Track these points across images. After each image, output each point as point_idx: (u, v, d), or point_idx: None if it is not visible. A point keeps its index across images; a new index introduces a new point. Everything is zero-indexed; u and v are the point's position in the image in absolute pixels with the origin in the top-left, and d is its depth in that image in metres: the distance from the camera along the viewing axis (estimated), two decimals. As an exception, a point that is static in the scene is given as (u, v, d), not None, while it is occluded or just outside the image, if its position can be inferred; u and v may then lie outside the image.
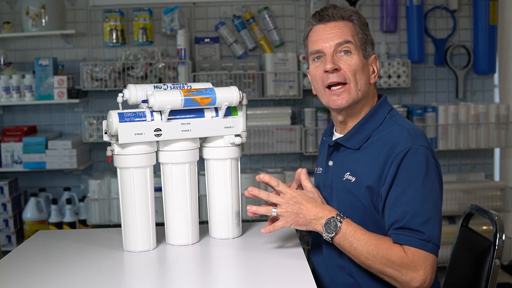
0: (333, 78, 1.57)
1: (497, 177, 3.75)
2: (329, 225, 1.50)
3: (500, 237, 1.58)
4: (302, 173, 1.63)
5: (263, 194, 1.56)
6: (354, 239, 1.47)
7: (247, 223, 1.88)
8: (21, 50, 3.56)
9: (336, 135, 1.69)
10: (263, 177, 1.59)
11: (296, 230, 1.78)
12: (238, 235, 1.75)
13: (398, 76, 3.48)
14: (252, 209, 1.56)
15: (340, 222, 1.49)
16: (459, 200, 3.41)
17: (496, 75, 3.71)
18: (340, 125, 1.67)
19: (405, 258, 1.42)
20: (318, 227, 1.52)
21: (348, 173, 1.58)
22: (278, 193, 1.58)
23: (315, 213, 1.52)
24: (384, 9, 3.56)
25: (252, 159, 3.62)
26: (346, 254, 1.52)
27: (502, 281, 3.36)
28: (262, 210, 1.56)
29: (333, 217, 1.50)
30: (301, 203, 1.53)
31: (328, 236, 1.50)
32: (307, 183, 1.61)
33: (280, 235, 1.75)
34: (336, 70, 1.57)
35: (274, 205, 1.57)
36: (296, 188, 1.63)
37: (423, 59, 3.59)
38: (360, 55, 1.59)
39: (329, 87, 1.59)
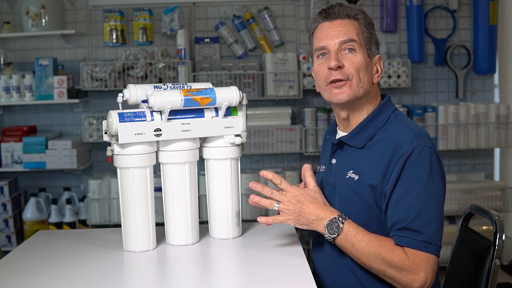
0: (336, 75, 1.57)
1: (497, 177, 3.75)
2: (331, 226, 1.50)
3: (500, 237, 1.58)
4: (306, 169, 1.62)
5: (266, 190, 1.55)
6: (356, 240, 1.48)
7: (247, 223, 1.88)
8: (21, 50, 3.56)
9: (340, 133, 1.69)
10: (266, 174, 1.57)
11: (296, 229, 1.79)
12: (238, 235, 1.75)
13: (398, 76, 3.48)
14: (255, 199, 1.55)
15: (342, 223, 1.50)
16: (459, 200, 3.41)
17: (496, 75, 3.70)
18: (343, 123, 1.66)
19: (406, 260, 1.43)
20: (320, 227, 1.52)
21: (352, 171, 1.58)
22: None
23: (317, 214, 1.52)
24: (384, 9, 3.56)
25: (252, 159, 3.62)
26: (348, 254, 1.53)
27: (502, 281, 3.36)
28: (265, 202, 1.55)
29: (335, 218, 1.51)
30: (303, 203, 1.54)
31: (330, 237, 1.51)
32: (311, 181, 1.61)
33: (280, 235, 1.75)
34: (339, 67, 1.57)
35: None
36: (304, 187, 1.62)
37: (423, 59, 3.58)
38: (364, 53, 1.59)
39: (331, 82, 1.59)
